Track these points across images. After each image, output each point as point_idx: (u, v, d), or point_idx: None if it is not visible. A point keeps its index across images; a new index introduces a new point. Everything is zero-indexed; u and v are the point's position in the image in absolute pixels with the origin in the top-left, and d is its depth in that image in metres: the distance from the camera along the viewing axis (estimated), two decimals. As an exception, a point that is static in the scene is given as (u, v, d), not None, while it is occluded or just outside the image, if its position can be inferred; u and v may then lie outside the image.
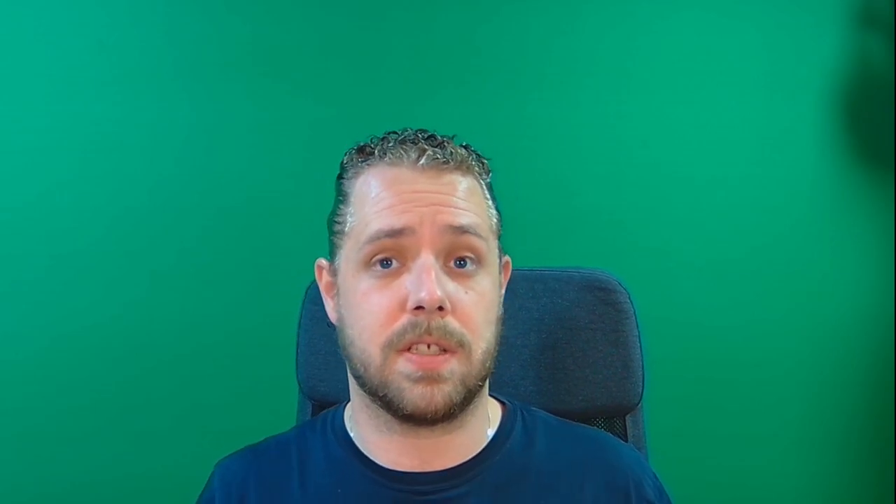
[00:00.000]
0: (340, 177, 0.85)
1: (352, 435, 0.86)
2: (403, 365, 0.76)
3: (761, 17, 1.62)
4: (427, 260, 0.76)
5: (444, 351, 0.76)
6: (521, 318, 1.01)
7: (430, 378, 0.76)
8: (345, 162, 0.85)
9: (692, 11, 1.61)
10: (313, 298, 1.03)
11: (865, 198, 1.66)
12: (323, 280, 0.87)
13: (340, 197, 0.84)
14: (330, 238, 0.84)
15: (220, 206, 1.53)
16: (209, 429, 1.50)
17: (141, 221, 1.51)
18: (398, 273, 0.78)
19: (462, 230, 0.78)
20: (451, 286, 0.77)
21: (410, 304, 0.75)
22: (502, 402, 0.90)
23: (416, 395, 0.76)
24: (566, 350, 1.01)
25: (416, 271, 0.77)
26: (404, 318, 0.76)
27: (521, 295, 1.02)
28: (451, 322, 0.76)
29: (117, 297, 1.50)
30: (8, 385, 1.48)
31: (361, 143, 0.84)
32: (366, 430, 0.84)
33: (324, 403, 1.02)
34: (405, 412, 0.77)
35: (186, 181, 1.52)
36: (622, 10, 1.60)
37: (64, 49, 1.48)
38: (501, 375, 1.01)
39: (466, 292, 0.78)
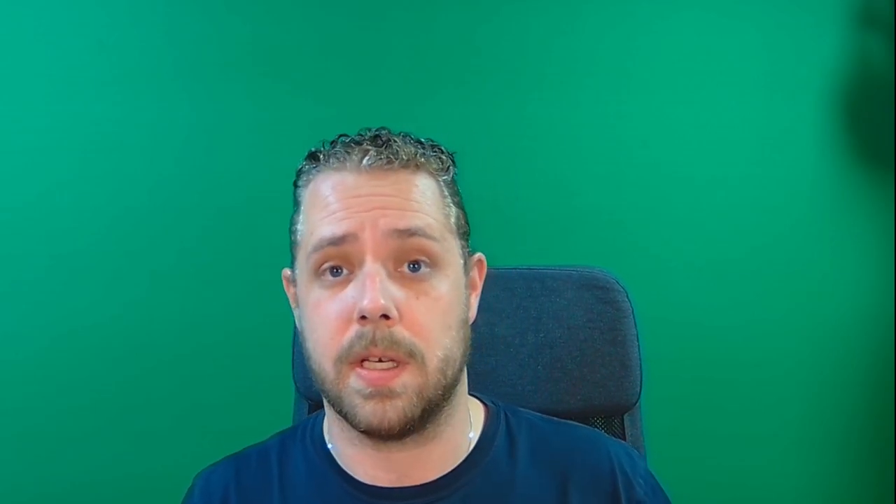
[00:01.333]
0: (295, 184, 0.82)
1: (329, 447, 0.84)
2: (355, 381, 0.73)
3: (761, 17, 1.62)
4: (371, 267, 0.73)
5: (396, 363, 0.73)
6: (518, 317, 1.01)
7: (381, 394, 0.73)
8: (299, 169, 0.82)
9: (692, 11, 1.61)
10: (311, 298, 1.02)
11: (865, 198, 1.65)
12: (290, 291, 0.84)
13: (295, 206, 0.82)
14: (290, 248, 0.83)
15: (220, 206, 1.53)
16: (207, 428, 1.50)
17: (141, 221, 1.51)
18: (347, 281, 0.75)
19: (409, 233, 0.74)
20: (400, 293, 0.74)
21: (356, 314, 0.72)
22: (485, 404, 0.87)
23: (367, 413, 0.73)
24: (564, 349, 1.01)
25: (360, 279, 0.73)
26: (352, 330, 0.73)
27: (519, 294, 1.01)
28: (399, 331, 0.73)
29: (117, 297, 1.50)
30: (8, 385, 1.48)
31: (313, 149, 0.81)
32: (341, 443, 0.82)
33: (320, 403, 1.01)
34: (360, 429, 0.75)
35: (186, 181, 1.52)
36: (622, 10, 1.60)
37: (64, 49, 1.49)
38: (499, 375, 1.01)
39: (418, 297, 0.74)
